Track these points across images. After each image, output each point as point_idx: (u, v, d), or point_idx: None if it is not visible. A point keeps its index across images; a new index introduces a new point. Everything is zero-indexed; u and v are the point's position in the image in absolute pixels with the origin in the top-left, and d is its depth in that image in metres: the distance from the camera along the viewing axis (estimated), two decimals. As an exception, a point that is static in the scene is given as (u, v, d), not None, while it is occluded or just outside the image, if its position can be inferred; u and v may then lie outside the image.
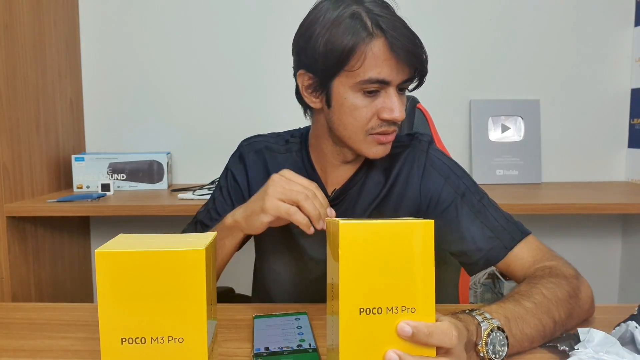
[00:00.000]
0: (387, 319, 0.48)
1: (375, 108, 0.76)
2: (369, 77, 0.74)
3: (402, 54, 0.73)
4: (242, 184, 0.92)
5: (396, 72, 0.75)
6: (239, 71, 1.76)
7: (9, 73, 1.37)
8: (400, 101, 0.77)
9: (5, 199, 1.36)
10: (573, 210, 1.34)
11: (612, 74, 1.74)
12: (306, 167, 0.90)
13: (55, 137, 1.61)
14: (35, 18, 1.49)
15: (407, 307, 0.49)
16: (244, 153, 0.94)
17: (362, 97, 0.76)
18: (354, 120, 0.77)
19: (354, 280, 0.48)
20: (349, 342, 0.48)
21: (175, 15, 1.75)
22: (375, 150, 0.80)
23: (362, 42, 0.73)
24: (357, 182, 0.88)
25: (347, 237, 0.48)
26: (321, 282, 0.89)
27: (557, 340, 0.61)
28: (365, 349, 0.48)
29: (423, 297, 0.49)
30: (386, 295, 0.48)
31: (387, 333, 0.48)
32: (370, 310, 0.48)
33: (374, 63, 0.74)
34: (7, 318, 0.75)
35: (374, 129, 0.78)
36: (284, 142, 0.94)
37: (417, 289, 0.49)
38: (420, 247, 0.49)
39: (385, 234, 0.48)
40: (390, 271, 0.48)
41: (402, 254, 0.49)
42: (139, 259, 0.47)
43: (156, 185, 1.66)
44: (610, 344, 0.57)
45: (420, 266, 0.49)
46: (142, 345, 0.48)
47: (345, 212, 0.88)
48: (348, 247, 0.48)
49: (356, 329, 0.48)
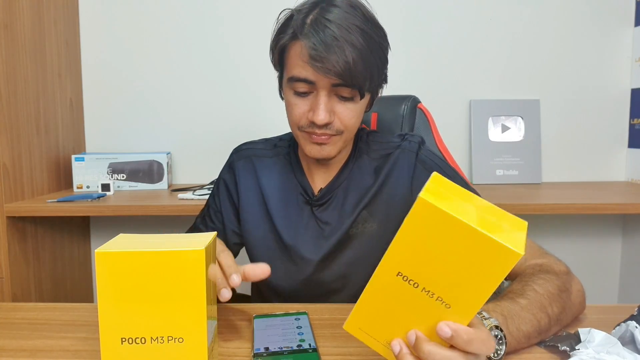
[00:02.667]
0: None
1: (307, 107, 0.79)
2: (292, 75, 0.78)
3: (317, 59, 0.73)
4: (233, 191, 0.96)
5: (321, 76, 0.74)
6: (239, 71, 1.76)
7: (9, 73, 1.37)
8: (329, 104, 0.77)
9: (5, 199, 1.36)
10: (573, 210, 1.34)
11: (612, 74, 1.74)
12: (294, 169, 0.92)
13: (55, 137, 1.61)
14: (35, 18, 1.49)
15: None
16: (234, 161, 0.97)
17: (294, 96, 0.80)
18: (290, 116, 0.82)
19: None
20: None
21: (175, 15, 1.75)
22: (310, 148, 0.82)
23: (288, 42, 0.78)
24: (342, 181, 0.89)
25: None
26: (313, 281, 0.91)
27: (558, 340, 0.61)
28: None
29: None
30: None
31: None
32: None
33: (296, 62, 0.77)
34: (7, 318, 0.75)
35: (303, 128, 0.80)
36: (272, 146, 0.97)
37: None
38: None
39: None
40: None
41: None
42: (139, 259, 0.47)
43: (156, 185, 1.66)
44: (611, 344, 0.57)
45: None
46: (142, 345, 0.48)
47: (333, 211, 0.89)
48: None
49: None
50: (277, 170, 0.94)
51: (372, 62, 0.76)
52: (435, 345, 0.47)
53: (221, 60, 1.76)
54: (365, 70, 0.75)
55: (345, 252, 0.88)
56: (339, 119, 0.79)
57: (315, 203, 0.89)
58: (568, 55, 1.74)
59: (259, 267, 0.67)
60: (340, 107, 0.78)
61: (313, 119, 0.77)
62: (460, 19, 1.73)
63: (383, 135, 0.94)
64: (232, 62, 1.76)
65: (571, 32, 1.73)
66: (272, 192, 0.92)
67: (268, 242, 0.92)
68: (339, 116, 0.79)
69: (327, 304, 0.79)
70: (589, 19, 1.72)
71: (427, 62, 1.74)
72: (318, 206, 0.89)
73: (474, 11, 1.73)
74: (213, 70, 1.77)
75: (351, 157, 0.90)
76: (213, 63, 1.76)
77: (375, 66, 0.78)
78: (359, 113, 0.82)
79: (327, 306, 0.78)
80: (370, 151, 0.91)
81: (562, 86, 1.75)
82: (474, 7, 1.73)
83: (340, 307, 0.78)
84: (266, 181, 0.93)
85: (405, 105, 1.12)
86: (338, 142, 0.82)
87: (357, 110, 0.80)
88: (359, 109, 0.81)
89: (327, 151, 0.82)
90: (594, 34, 1.73)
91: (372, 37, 0.76)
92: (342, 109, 0.78)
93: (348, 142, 0.85)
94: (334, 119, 0.79)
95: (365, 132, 0.94)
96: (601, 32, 1.73)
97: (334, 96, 0.78)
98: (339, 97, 0.78)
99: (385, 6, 1.74)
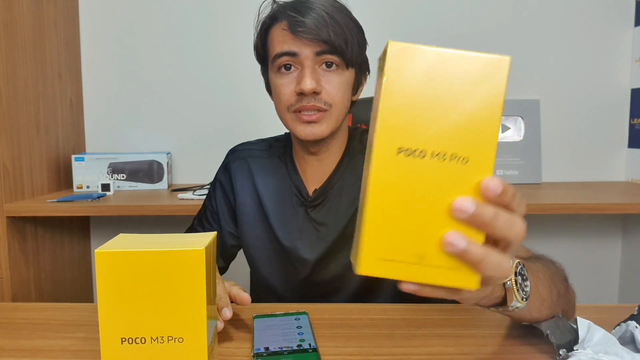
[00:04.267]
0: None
1: (292, 85, 0.80)
2: (277, 52, 0.81)
3: (298, 27, 0.77)
4: (229, 193, 0.96)
5: (302, 45, 0.78)
6: (239, 71, 1.76)
7: (9, 73, 1.37)
8: (315, 74, 0.79)
9: (5, 199, 1.36)
10: (573, 210, 1.34)
11: (612, 74, 1.74)
12: (288, 170, 0.92)
13: (55, 137, 1.61)
14: (35, 18, 1.49)
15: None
16: (229, 162, 0.97)
17: (279, 76, 0.82)
18: (279, 100, 0.83)
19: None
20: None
21: (176, 15, 1.75)
22: (302, 129, 0.82)
23: (270, 27, 0.83)
24: (336, 182, 0.89)
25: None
26: (311, 282, 0.91)
27: (555, 337, 0.60)
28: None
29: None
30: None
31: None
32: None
33: (278, 40, 0.81)
34: (7, 318, 0.75)
35: (293, 106, 0.81)
36: (267, 147, 0.97)
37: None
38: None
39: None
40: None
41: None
42: (139, 259, 0.47)
43: (156, 185, 1.66)
44: (609, 344, 0.57)
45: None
46: (142, 345, 0.48)
47: (328, 212, 0.88)
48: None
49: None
50: (272, 171, 0.93)
51: (350, 27, 0.80)
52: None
53: (221, 60, 1.76)
54: (343, 33, 0.79)
55: (342, 252, 0.88)
56: (325, 91, 0.80)
57: (309, 204, 0.89)
58: (568, 55, 1.74)
59: (238, 296, 0.70)
60: (326, 78, 0.80)
61: (301, 88, 0.78)
62: (460, 19, 1.73)
63: None
64: (232, 62, 1.76)
65: (571, 32, 1.73)
66: (267, 193, 0.92)
67: (265, 243, 0.92)
68: (325, 88, 0.80)
69: (327, 304, 0.79)
70: (589, 19, 1.72)
71: (427, 62, 1.74)
72: (312, 207, 0.89)
73: (473, 11, 1.73)
74: (213, 71, 1.77)
75: (345, 156, 0.90)
76: (213, 63, 1.76)
77: (354, 32, 0.81)
78: (345, 87, 0.83)
79: (327, 306, 0.78)
80: (364, 149, 0.90)
81: (562, 86, 1.75)
82: (474, 7, 1.73)
83: (340, 307, 0.78)
84: (262, 182, 0.93)
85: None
86: (328, 119, 0.81)
87: (343, 83, 0.82)
88: (345, 82, 0.82)
89: (319, 130, 0.81)
90: (594, 34, 1.73)
91: (347, 13, 0.82)
92: (328, 80, 0.80)
93: (339, 122, 0.84)
94: (321, 90, 0.80)
95: (358, 131, 0.93)
96: (601, 32, 1.73)
97: (318, 68, 0.80)
98: (323, 68, 0.80)
99: (385, 6, 1.74)
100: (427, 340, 0.65)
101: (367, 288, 0.88)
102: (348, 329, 0.70)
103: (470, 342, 0.65)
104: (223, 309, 0.64)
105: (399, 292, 0.42)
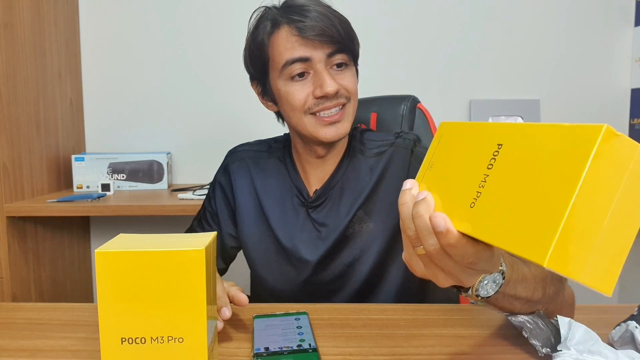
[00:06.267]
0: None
1: (309, 89, 0.80)
2: (287, 60, 0.79)
3: (308, 30, 0.77)
4: (229, 194, 0.96)
5: (313, 48, 0.78)
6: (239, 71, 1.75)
7: (9, 73, 1.37)
8: (331, 75, 0.79)
9: (5, 199, 1.36)
10: (573, 210, 1.33)
11: (612, 74, 1.74)
12: (289, 170, 0.92)
13: (55, 137, 1.61)
14: (35, 18, 1.49)
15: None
16: (229, 164, 0.97)
17: (292, 83, 0.81)
18: (292, 106, 0.82)
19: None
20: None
21: (176, 15, 1.75)
22: (325, 131, 0.82)
23: (271, 34, 0.81)
24: (337, 182, 0.88)
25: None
26: (311, 283, 0.91)
27: (535, 337, 0.60)
28: None
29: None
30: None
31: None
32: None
33: (285, 46, 0.79)
34: (7, 318, 0.75)
35: (312, 108, 0.81)
36: (267, 147, 0.97)
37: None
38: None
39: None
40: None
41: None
42: (139, 259, 0.47)
43: (156, 185, 1.66)
44: (592, 342, 0.56)
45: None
46: (142, 345, 0.48)
47: (329, 212, 0.88)
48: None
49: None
50: (272, 172, 0.93)
51: (350, 25, 0.83)
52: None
53: (221, 61, 1.76)
54: (348, 29, 0.81)
55: (342, 252, 0.87)
56: (342, 87, 0.81)
57: (310, 205, 0.89)
58: (568, 55, 1.74)
59: (236, 296, 0.69)
60: (340, 75, 0.81)
61: (324, 92, 0.78)
62: (460, 19, 1.73)
63: (377, 133, 0.94)
64: (232, 63, 1.76)
65: (571, 32, 1.73)
66: (267, 194, 0.92)
67: (265, 244, 0.92)
68: (342, 84, 0.81)
69: (327, 304, 0.79)
70: (589, 19, 1.72)
71: (427, 62, 1.74)
72: (313, 208, 0.89)
73: (474, 11, 1.73)
74: (213, 70, 1.77)
75: (345, 157, 0.89)
76: (213, 63, 1.76)
77: (351, 27, 0.83)
78: (355, 79, 0.85)
79: (327, 306, 0.78)
80: (364, 149, 0.90)
81: (562, 86, 1.75)
82: (474, 7, 1.73)
83: (340, 307, 0.78)
84: (261, 183, 0.93)
85: (404, 106, 1.12)
86: (348, 115, 0.83)
87: (354, 76, 0.85)
88: (354, 74, 0.85)
89: (342, 129, 0.82)
90: (594, 34, 1.73)
91: (334, 9, 0.84)
92: (342, 77, 0.81)
93: (355, 115, 0.86)
94: (340, 88, 0.81)
95: (359, 131, 0.93)
96: (601, 32, 1.73)
97: (330, 69, 0.81)
98: (335, 68, 0.81)
99: (385, 6, 1.74)
100: (427, 340, 0.65)
101: (368, 288, 0.88)
102: (348, 329, 0.70)
103: (470, 342, 0.65)
104: (222, 308, 0.64)
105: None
